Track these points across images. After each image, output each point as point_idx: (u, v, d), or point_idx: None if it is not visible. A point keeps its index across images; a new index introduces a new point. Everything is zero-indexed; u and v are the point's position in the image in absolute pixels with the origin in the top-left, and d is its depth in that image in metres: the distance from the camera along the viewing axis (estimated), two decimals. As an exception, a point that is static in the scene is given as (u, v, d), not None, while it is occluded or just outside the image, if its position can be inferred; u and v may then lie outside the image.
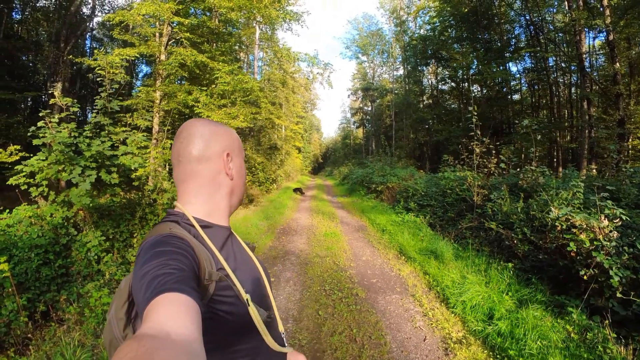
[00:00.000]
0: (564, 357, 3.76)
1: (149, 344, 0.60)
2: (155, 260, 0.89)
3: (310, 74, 35.62)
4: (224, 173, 1.22)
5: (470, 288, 5.46)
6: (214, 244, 1.13)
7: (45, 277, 5.13)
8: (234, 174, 1.25)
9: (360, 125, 65.97)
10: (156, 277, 0.83)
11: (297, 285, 6.41)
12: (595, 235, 4.95)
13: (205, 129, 1.20)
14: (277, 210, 15.38)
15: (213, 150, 1.19)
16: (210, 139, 1.19)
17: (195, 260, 0.98)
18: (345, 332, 4.69)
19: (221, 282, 1.05)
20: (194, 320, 0.74)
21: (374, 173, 21.37)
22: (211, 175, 1.19)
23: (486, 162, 10.08)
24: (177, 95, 13.32)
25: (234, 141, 1.28)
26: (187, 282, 0.85)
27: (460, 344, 4.38)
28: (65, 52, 19.39)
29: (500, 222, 7.42)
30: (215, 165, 1.20)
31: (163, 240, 0.98)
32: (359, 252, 8.67)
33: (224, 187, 1.23)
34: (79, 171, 5.73)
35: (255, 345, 1.14)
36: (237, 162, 1.27)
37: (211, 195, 1.21)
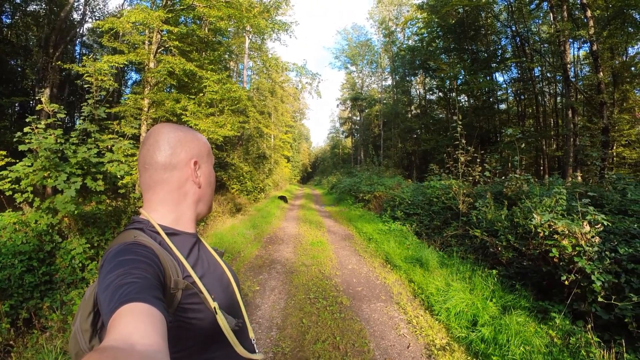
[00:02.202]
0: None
1: (111, 356, 0.59)
2: (119, 270, 0.88)
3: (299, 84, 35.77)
4: (191, 181, 1.20)
5: (455, 295, 5.47)
6: (180, 251, 1.12)
7: (28, 284, 5.06)
8: (202, 182, 1.24)
9: (349, 135, 66.12)
10: (120, 286, 0.82)
11: (282, 294, 6.37)
12: (577, 241, 4.99)
13: (172, 136, 1.18)
14: (265, 219, 15.31)
15: (180, 157, 1.18)
16: (177, 146, 1.18)
17: (161, 268, 0.97)
18: (329, 340, 4.66)
19: (188, 290, 1.04)
20: (158, 330, 0.73)
21: (362, 182, 21.41)
22: (178, 184, 1.18)
23: (471, 170, 10.13)
24: (165, 104, 13.24)
25: (202, 148, 1.26)
26: (151, 291, 0.84)
27: (444, 350, 4.37)
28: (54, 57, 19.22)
29: (485, 230, 7.45)
30: (182, 173, 1.18)
31: (127, 248, 0.97)
32: (345, 261, 8.65)
33: (190, 195, 1.22)
34: (64, 178, 5.68)
35: (225, 352, 1.13)
36: (205, 170, 1.26)
37: (178, 203, 1.19)
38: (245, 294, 6.30)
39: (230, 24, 16.19)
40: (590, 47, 17.17)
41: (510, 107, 32.12)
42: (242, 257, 8.89)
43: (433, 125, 36.24)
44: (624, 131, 21.22)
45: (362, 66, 54.36)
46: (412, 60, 38.40)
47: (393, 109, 42.32)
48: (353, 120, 62.04)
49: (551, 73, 25.30)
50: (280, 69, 25.10)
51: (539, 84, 26.91)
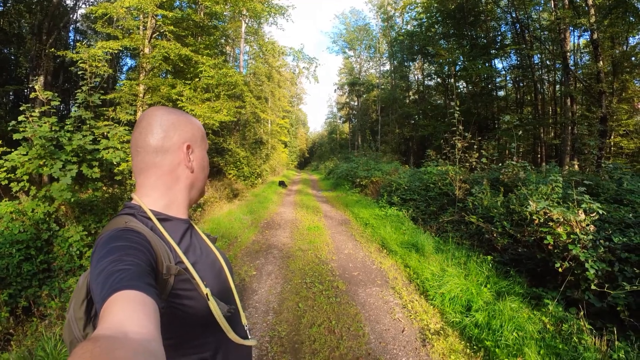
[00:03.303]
0: (539, 347, 3.81)
1: (105, 345, 0.59)
2: (111, 257, 0.87)
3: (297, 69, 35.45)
4: (183, 165, 1.19)
5: (450, 280, 5.51)
6: (172, 237, 1.11)
7: (26, 272, 5.08)
8: (195, 167, 1.22)
9: (346, 120, 65.84)
10: (112, 273, 0.81)
11: (278, 279, 6.41)
12: (572, 229, 5.02)
13: (165, 119, 1.17)
14: (262, 205, 15.37)
15: (173, 141, 1.16)
16: (170, 130, 1.16)
17: (152, 254, 0.97)
18: (324, 324, 4.71)
19: (180, 276, 1.04)
20: (151, 318, 0.73)
21: (359, 167, 21.40)
22: (170, 168, 1.17)
23: (468, 156, 10.15)
24: (160, 89, 13.19)
25: (196, 132, 1.24)
26: (143, 278, 0.83)
27: (438, 335, 4.42)
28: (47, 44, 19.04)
29: (481, 216, 7.48)
30: (175, 157, 1.17)
31: (118, 234, 0.97)
32: (342, 246, 8.70)
33: (183, 179, 1.20)
34: (60, 165, 5.68)
35: (217, 338, 1.13)
36: (198, 154, 1.24)
37: (170, 187, 1.18)
38: (242, 278, 6.35)
39: (226, 8, 16.05)
40: (590, 36, 17.08)
41: (509, 94, 32.04)
42: (239, 242, 8.93)
43: (431, 111, 36.08)
44: (622, 121, 21.25)
45: (360, 51, 54.03)
46: (410, 46, 38.06)
47: (391, 94, 42.06)
48: (351, 105, 61.73)
49: (551, 61, 25.12)
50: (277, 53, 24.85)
51: (538, 71, 26.77)
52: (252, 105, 19.07)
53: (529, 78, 26.59)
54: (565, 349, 3.77)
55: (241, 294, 5.66)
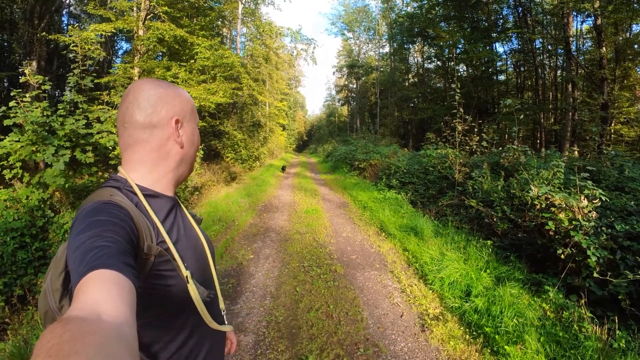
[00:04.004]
0: (539, 335, 3.76)
1: (74, 329, 0.57)
2: (91, 231, 0.84)
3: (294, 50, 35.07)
4: (172, 140, 1.15)
5: (449, 265, 5.46)
6: (157, 214, 1.08)
7: (21, 260, 5.00)
8: (184, 142, 1.18)
9: (345, 103, 65.57)
10: (90, 249, 0.79)
11: (276, 262, 6.35)
12: (574, 215, 4.95)
13: (153, 93, 1.12)
14: (260, 188, 15.30)
15: (160, 116, 1.12)
16: (158, 104, 1.12)
17: (134, 231, 0.94)
18: (322, 308, 4.65)
19: (161, 256, 1.01)
20: (125, 300, 0.71)
21: (357, 150, 21.30)
22: (159, 144, 1.13)
23: (468, 140, 10.05)
24: (155, 72, 12.98)
25: (185, 105, 1.20)
26: (122, 257, 0.81)
27: (437, 320, 4.37)
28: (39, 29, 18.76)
29: (481, 200, 7.43)
30: (163, 132, 1.13)
31: (101, 207, 0.93)
32: (340, 229, 8.64)
33: (172, 155, 1.16)
34: (52, 151, 5.60)
35: (194, 322, 1.12)
36: (188, 129, 1.20)
37: (157, 163, 1.14)
38: (239, 262, 6.29)
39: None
40: (594, 21, 16.83)
41: (509, 78, 31.77)
42: (236, 225, 8.86)
43: (430, 95, 35.85)
44: (623, 109, 21.11)
45: (359, 33, 53.35)
46: (410, 28, 37.55)
47: (390, 77, 41.79)
48: (349, 88, 61.43)
49: (552, 46, 24.83)
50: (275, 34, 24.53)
51: (540, 56, 26.53)
52: (249, 87, 18.87)
53: (530, 63, 26.35)
54: (565, 336, 3.72)
55: (238, 278, 5.61)
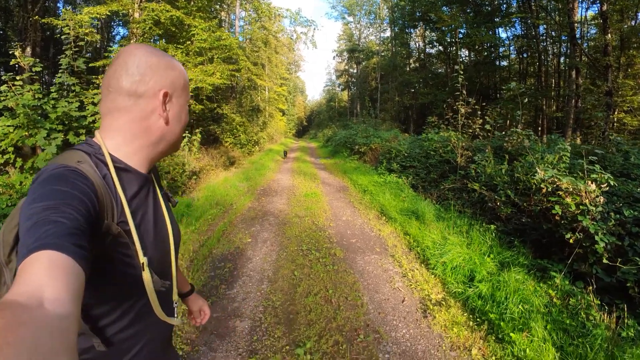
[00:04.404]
0: (546, 322, 3.62)
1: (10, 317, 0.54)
2: (48, 201, 0.79)
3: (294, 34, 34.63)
4: (157, 114, 1.07)
5: (452, 249, 5.31)
6: (125, 191, 1.02)
7: (15, 247, 4.86)
8: (170, 118, 1.10)
9: (345, 88, 65.19)
10: (44, 223, 0.74)
11: (274, 246, 6.20)
12: (581, 200, 4.80)
13: (144, 60, 1.04)
14: (258, 172, 15.13)
15: (148, 86, 1.04)
16: (147, 73, 1.04)
17: (96, 207, 0.88)
18: (321, 293, 4.51)
19: (120, 237, 0.95)
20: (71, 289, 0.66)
21: (358, 134, 21.11)
22: (141, 115, 1.05)
23: (471, 123, 9.86)
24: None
25: (177, 79, 1.11)
26: (76, 237, 0.75)
27: (440, 305, 4.22)
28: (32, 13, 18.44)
29: (484, 184, 7.28)
30: (148, 103, 1.05)
31: (65, 175, 0.87)
32: (339, 213, 8.49)
33: (154, 131, 1.08)
34: (44, 134, 5.52)
35: (142, 308, 1.07)
36: (176, 105, 1.12)
37: (136, 136, 1.07)
38: (236, 246, 6.14)
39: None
40: (600, 7, 16.59)
41: (512, 64, 31.45)
42: (234, 209, 8.70)
43: (432, 80, 35.56)
44: (627, 97, 20.84)
45: (360, 17, 52.83)
46: (412, 12, 37.05)
47: (391, 61, 41.40)
48: (350, 73, 61.07)
49: (556, 32, 24.50)
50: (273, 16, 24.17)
51: (543, 42, 26.22)
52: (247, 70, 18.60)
53: (533, 49, 26.06)
54: (573, 324, 3.58)
55: (235, 262, 5.46)
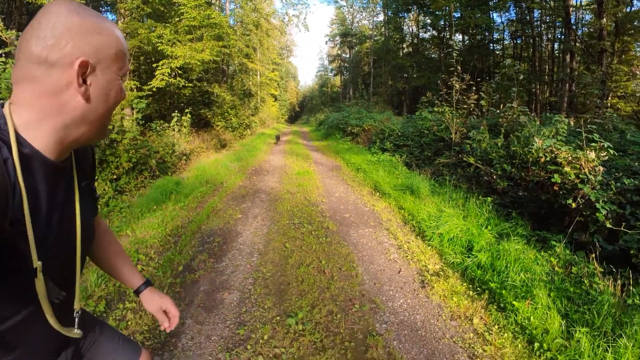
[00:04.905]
0: (549, 290, 3.46)
1: None
2: None
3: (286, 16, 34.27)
4: (74, 90, 0.86)
5: (448, 221, 5.16)
6: (27, 180, 0.83)
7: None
8: (93, 95, 0.90)
9: (338, 73, 64.72)
10: None
11: (265, 221, 6.00)
12: (580, 169, 4.68)
13: (62, 19, 0.84)
14: (250, 153, 14.87)
15: (63, 52, 0.83)
16: (64, 36, 0.84)
17: None
18: (314, 264, 4.33)
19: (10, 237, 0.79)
20: None
21: (350, 116, 20.90)
22: (53, 89, 0.85)
23: (466, 98, 9.66)
24: (139, 32, 12.41)
25: (106, 46, 0.90)
26: None
27: (438, 276, 4.06)
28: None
29: (479, 159, 7.13)
30: (62, 75, 0.84)
31: None
32: (332, 189, 8.31)
33: (70, 110, 0.88)
34: None
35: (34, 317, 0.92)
36: (102, 79, 0.91)
37: (48, 114, 0.86)
38: (226, 221, 5.93)
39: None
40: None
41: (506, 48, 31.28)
42: (224, 187, 8.48)
43: (425, 65, 35.31)
44: (621, 82, 20.77)
45: (353, 1, 52.37)
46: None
47: (384, 45, 41.08)
48: (342, 57, 60.57)
49: (551, 17, 24.35)
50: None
51: (538, 28, 26.05)
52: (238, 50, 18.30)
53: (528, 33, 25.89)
54: (577, 292, 3.44)
55: (224, 237, 5.26)
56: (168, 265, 4.22)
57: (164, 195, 7.12)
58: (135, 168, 8.58)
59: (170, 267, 4.19)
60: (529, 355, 2.81)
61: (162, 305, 1.41)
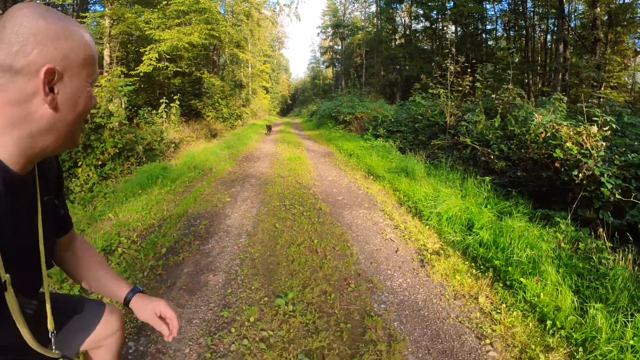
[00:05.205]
0: (557, 267, 3.24)
1: None
2: None
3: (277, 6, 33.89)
4: (41, 98, 0.81)
5: (446, 199, 4.96)
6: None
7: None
8: (61, 104, 0.85)
9: (330, 65, 64.50)
10: None
11: (254, 203, 5.75)
12: (583, 144, 4.51)
13: (27, 24, 0.79)
14: (241, 141, 14.59)
15: (29, 59, 0.78)
16: (29, 42, 0.78)
17: None
18: (305, 243, 4.09)
19: None
20: None
21: (343, 104, 20.67)
22: (19, 97, 0.80)
23: (461, 81, 9.44)
24: (126, 17, 12.12)
25: (74, 52, 0.85)
26: None
27: (438, 255, 3.83)
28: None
29: (476, 140, 6.92)
30: (29, 82, 0.79)
31: None
32: (324, 174, 8.08)
33: (37, 119, 0.83)
34: None
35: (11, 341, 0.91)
36: (70, 87, 0.85)
37: (13, 123, 0.81)
38: (214, 205, 5.67)
39: None
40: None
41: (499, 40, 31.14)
42: (213, 173, 8.22)
43: (418, 56, 35.15)
44: (614, 73, 20.75)
45: (345, -8, 52.10)
46: (398, -15, 36.63)
47: (377, 35, 40.90)
48: (334, 49, 60.33)
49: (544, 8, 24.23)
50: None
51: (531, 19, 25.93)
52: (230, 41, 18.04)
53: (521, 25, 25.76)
54: (586, 267, 3.24)
55: (211, 219, 5.00)
56: (151, 248, 3.96)
57: (150, 180, 6.87)
58: (122, 154, 8.39)
59: (153, 249, 3.94)
60: (542, 334, 2.59)
61: (156, 310, 1.25)
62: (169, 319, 1.25)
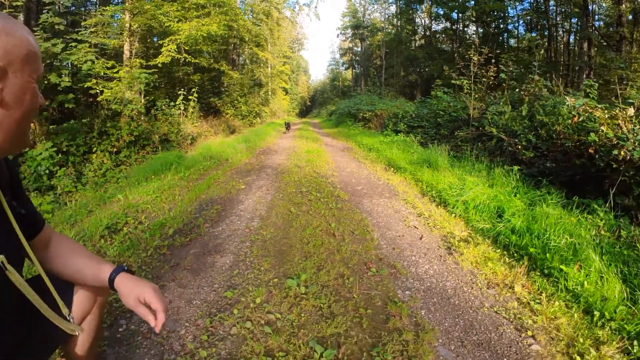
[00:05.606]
0: (599, 254, 2.91)
1: None
2: None
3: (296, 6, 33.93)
4: None
5: (473, 188, 4.64)
6: None
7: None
8: (6, 100, 0.81)
9: (349, 67, 64.39)
10: None
11: (269, 190, 5.54)
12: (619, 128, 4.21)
13: None
14: (259, 137, 14.46)
15: None
16: None
17: None
18: (322, 226, 3.82)
19: None
20: None
21: (362, 102, 20.44)
22: None
23: (485, 72, 9.08)
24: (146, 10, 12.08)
25: (16, 48, 0.81)
26: None
27: (466, 242, 3.53)
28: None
29: (502, 131, 6.60)
30: None
31: None
32: (343, 165, 7.84)
33: None
34: None
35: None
36: (14, 83, 0.82)
37: None
38: (228, 191, 5.45)
39: None
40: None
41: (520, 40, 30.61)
42: (229, 163, 8.06)
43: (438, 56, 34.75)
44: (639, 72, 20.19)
45: (364, -8, 51.91)
46: (418, -15, 36.33)
47: (397, 36, 40.61)
48: (354, 51, 60.25)
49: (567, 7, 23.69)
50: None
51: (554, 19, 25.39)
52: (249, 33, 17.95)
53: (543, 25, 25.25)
54: (632, 254, 2.90)
55: (224, 204, 4.77)
56: (158, 229, 3.74)
57: (164, 167, 6.75)
58: (137, 142, 8.31)
59: (160, 230, 3.72)
60: (589, 326, 2.26)
61: (140, 296, 1.07)
62: (154, 308, 1.06)
